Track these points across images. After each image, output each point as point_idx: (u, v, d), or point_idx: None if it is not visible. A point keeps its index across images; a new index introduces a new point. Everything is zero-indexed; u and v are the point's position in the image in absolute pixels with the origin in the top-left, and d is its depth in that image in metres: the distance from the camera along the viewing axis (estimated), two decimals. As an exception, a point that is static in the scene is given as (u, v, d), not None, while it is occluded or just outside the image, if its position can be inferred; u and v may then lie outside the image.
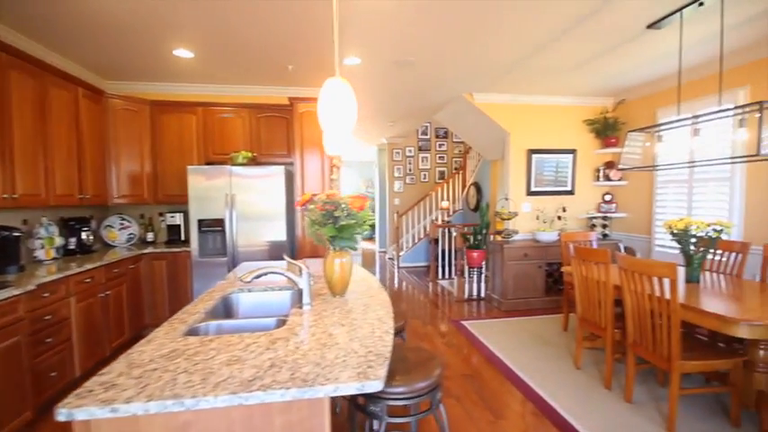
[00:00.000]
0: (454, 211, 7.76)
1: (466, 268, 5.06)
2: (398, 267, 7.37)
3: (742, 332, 1.84)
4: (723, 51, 3.39)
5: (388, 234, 8.61)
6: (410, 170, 8.38)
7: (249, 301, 2.02)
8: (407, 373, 1.57)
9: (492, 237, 5.05)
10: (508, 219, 4.59)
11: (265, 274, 1.57)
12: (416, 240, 7.58)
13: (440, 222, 7.41)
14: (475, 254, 4.58)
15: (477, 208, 7.12)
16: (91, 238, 3.48)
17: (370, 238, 12.07)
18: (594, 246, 3.80)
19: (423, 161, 8.41)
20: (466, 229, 5.40)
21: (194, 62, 3.56)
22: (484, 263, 4.85)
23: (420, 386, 1.54)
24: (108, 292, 3.08)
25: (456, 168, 8.33)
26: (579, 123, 5.02)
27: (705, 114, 2.47)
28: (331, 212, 1.70)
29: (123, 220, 4.00)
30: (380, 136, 7.94)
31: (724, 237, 2.45)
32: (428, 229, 7.49)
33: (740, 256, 2.79)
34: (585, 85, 4.39)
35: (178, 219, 4.05)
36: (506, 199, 4.81)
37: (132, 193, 3.82)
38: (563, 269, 3.30)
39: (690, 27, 2.89)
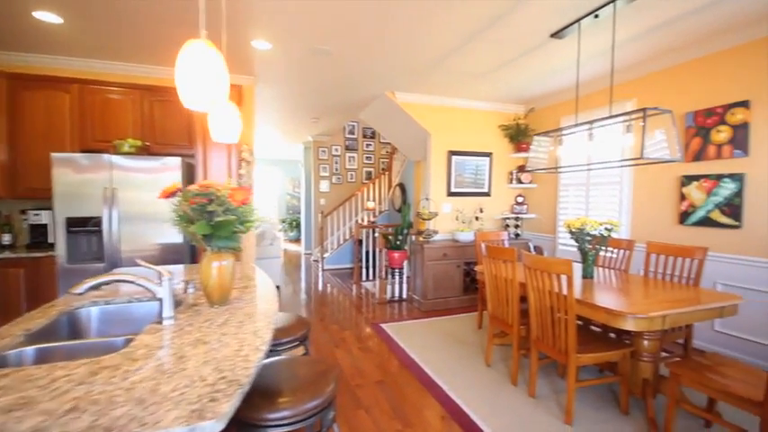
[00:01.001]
0: (380, 212, 7.70)
1: (388, 269, 4.98)
2: (323, 270, 7.10)
3: (629, 325, 1.93)
4: (614, 66, 3.71)
5: (314, 235, 8.29)
6: (337, 170, 8.16)
7: (106, 316, 1.64)
8: (294, 394, 1.36)
9: (413, 237, 5.03)
10: (428, 219, 4.60)
11: (108, 282, 1.25)
12: (342, 242, 7.37)
13: (365, 223, 7.29)
14: (396, 254, 4.50)
15: (401, 208, 7.13)
16: None
17: (297, 240, 11.58)
18: (506, 245, 3.93)
19: (350, 161, 8.24)
20: (388, 229, 5.32)
21: (66, 30, 2.97)
22: (405, 263, 4.81)
23: (308, 407, 1.34)
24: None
25: (383, 169, 8.29)
26: (495, 128, 5.23)
27: (598, 120, 2.62)
28: (204, 206, 1.43)
29: (-35, 218, 3.21)
30: (305, 133, 7.60)
31: (614, 235, 2.62)
32: (353, 230, 7.33)
33: (627, 252, 3.03)
34: (500, 91, 4.57)
35: (45, 217, 3.37)
36: (427, 199, 4.82)
37: (-23, 185, 3.08)
38: (476, 268, 3.34)
39: (588, 39, 3.10)
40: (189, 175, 3.49)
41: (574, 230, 2.71)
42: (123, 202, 3.08)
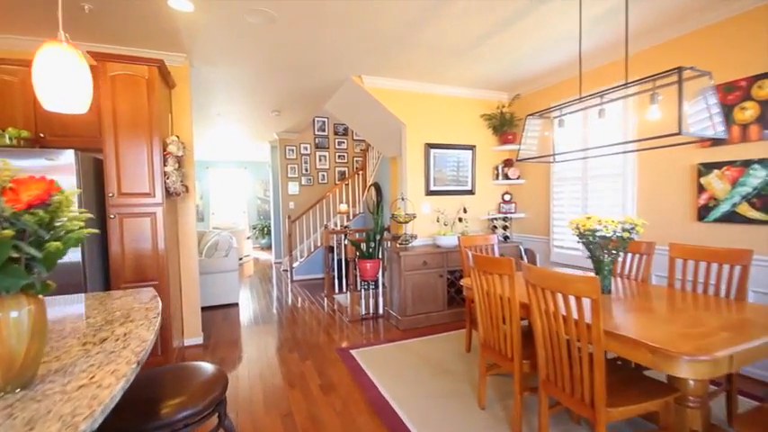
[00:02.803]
0: (354, 215, 7.04)
1: (361, 281, 4.32)
2: (292, 281, 6.37)
3: (683, 371, 1.33)
4: (608, 38, 3.17)
5: (283, 242, 7.54)
6: (306, 170, 7.45)
7: None
8: None
9: (389, 244, 4.39)
10: (405, 222, 3.97)
11: None
12: (312, 249, 6.66)
13: (337, 228, 6.61)
14: (368, 264, 3.85)
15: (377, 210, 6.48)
16: None
17: (269, 247, 10.78)
18: (496, 250, 3.34)
19: (321, 160, 7.55)
20: (357, 235, 4.67)
21: None
22: (380, 274, 4.15)
23: None
24: None
25: (357, 168, 7.64)
26: (477, 118, 4.66)
27: (613, 89, 2.05)
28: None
29: None
30: (270, 130, 6.88)
31: (635, 237, 2.05)
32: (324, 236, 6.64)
33: (646, 257, 2.47)
34: (481, 74, 3.99)
35: None
36: (403, 199, 4.20)
37: None
38: (462, 282, 2.72)
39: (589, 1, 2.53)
40: (92, 172, 2.74)
41: (584, 233, 2.12)
42: (-4, 210, 2.32)
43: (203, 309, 4.59)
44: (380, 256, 4.01)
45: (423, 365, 2.95)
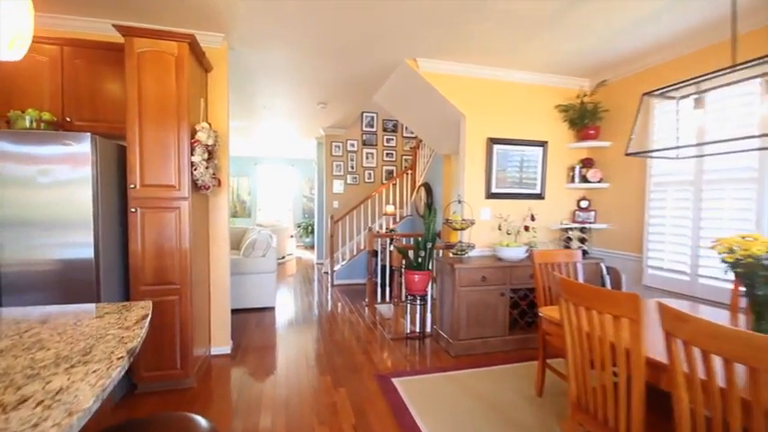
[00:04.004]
0: (401, 218, 6.53)
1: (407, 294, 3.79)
2: (332, 285, 5.99)
3: None
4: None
5: (325, 243, 7.22)
6: (352, 168, 7.07)
7: None
8: None
9: (440, 252, 3.83)
10: (462, 229, 3.39)
11: None
12: (355, 252, 6.24)
13: (382, 231, 6.14)
14: (416, 277, 3.32)
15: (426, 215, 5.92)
16: None
17: (311, 246, 10.60)
18: (579, 271, 2.66)
19: (367, 158, 7.13)
20: (404, 240, 4.14)
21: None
22: (430, 288, 3.59)
23: None
24: None
25: (406, 167, 7.13)
26: (550, 109, 3.95)
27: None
28: None
29: None
30: (317, 125, 6.57)
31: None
32: (367, 239, 6.19)
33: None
34: (560, 54, 3.30)
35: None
36: (460, 202, 3.61)
37: None
38: (541, 312, 2.10)
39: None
40: (114, 160, 2.47)
41: (743, 260, 1.44)
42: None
43: (237, 311, 4.32)
44: (430, 267, 3.45)
45: (480, 408, 2.36)
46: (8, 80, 2.44)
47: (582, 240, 3.74)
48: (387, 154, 7.21)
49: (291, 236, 9.20)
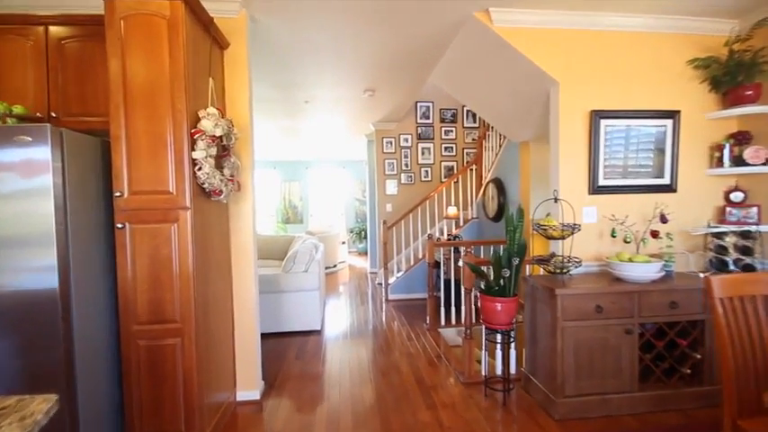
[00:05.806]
0: (465, 221, 5.59)
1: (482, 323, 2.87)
2: (386, 300, 5.22)
3: None
4: None
5: (378, 250, 6.49)
6: (407, 165, 6.27)
7: None
8: None
9: (527, 269, 2.88)
10: (562, 237, 2.42)
11: None
12: (412, 262, 5.42)
13: (443, 237, 5.26)
14: (498, 305, 2.40)
15: (498, 216, 4.92)
16: None
17: (365, 252, 9.98)
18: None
19: (423, 153, 6.28)
20: (472, 250, 3.23)
21: None
22: (515, 321, 2.64)
23: None
24: None
25: (469, 162, 6.17)
26: (681, 66, 2.82)
27: None
28: None
29: None
30: (364, 120, 5.88)
31: None
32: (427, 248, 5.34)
33: None
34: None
35: None
36: (556, 200, 2.63)
37: None
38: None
39: None
40: (105, 164, 1.90)
41: None
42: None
43: (273, 335, 3.70)
44: (517, 291, 2.51)
45: None
46: (-19, 69, 1.99)
47: (744, 250, 2.56)
48: (446, 148, 6.30)
49: (343, 242, 8.64)
